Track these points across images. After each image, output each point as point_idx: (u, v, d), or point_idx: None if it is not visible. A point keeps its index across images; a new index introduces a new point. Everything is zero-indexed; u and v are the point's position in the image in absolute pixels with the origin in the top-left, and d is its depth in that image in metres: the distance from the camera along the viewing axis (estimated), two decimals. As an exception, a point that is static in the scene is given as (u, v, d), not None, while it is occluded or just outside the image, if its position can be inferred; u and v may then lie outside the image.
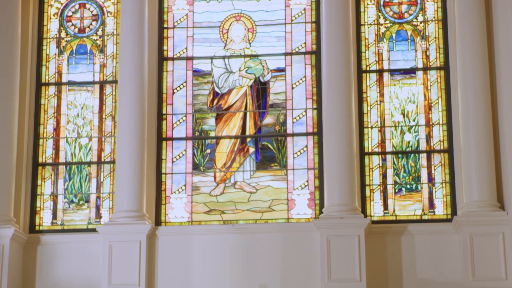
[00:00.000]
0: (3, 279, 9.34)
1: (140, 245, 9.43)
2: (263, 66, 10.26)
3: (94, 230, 9.72)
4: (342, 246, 9.19)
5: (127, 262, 9.34)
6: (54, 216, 10.08)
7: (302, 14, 10.33)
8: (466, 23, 9.57)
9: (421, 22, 10.16)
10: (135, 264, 9.35)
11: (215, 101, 10.24)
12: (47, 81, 10.44)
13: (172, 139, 10.15)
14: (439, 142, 9.87)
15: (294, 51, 10.26)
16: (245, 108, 10.19)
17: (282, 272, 9.42)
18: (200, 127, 10.19)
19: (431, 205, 9.75)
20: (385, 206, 9.80)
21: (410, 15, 10.21)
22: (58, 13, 10.58)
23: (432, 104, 9.96)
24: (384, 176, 9.86)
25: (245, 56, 10.33)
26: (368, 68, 10.13)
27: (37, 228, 10.03)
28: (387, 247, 9.51)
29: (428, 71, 10.05)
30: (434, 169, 9.82)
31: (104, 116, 10.29)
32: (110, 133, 10.23)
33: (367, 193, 9.82)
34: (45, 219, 10.08)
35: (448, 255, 9.36)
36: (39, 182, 10.15)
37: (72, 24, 10.55)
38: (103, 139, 10.25)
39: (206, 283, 9.44)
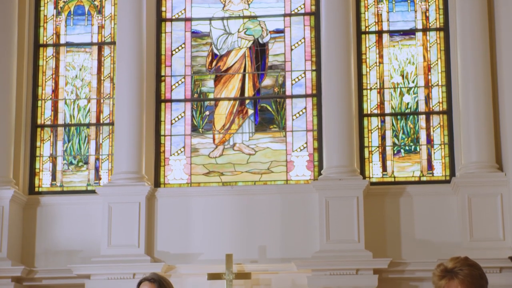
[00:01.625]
0: (3, 240, 9.38)
1: (140, 206, 9.45)
2: (262, 28, 10.21)
3: (93, 191, 9.74)
4: (341, 208, 9.22)
5: (127, 223, 9.38)
6: (54, 177, 10.10)
7: (301, -26, 10.25)
8: (466, -16, 9.51)
9: (421, -17, 10.10)
10: (134, 226, 9.38)
11: (214, 63, 10.21)
12: (45, 43, 10.39)
13: (171, 101, 10.13)
14: (438, 104, 9.86)
15: (293, 12, 10.20)
16: (244, 70, 10.15)
17: (281, 233, 9.46)
18: (199, 89, 10.17)
19: (430, 166, 9.76)
20: (384, 168, 9.82)
21: (410, -25, 10.14)
22: (55, -26, 10.50)
23: (432, 66, 9.93)
24: (383, 137, 9.87)
25: (243, 17, 10.27)
26: (367, 30, 10.08)
27: (36, 189, 10.05)
28: (385, 209, 9.54)
29: (428, 32, 10.00)
30: (433, 131, 9.82)
31: (102, 78, 10.27)
32: (108, 95, 10.21)
33: (366, 154, 9.83)
34: (44, 180, 10.09)
35: (447, 216, 9.40)
36: (38, 143, 10.14)
37: (70, -15, 10.48)
38: (101, 101, 10.23)
39: (205, 244, 9.48)
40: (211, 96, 10.15)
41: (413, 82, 9.94)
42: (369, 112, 9.93)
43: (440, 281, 3.51)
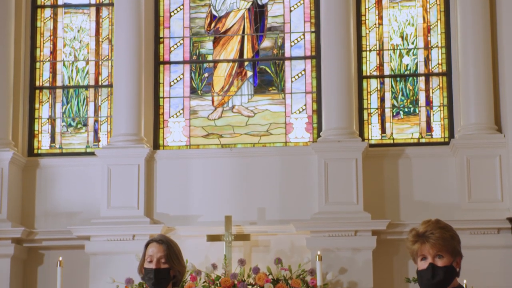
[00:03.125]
0: (3, 201, 9.41)
1: (139, 168, 9.47)
2: (260, -11, 10.14)
3: (92, 153, 9.75)
4: (340, 170, 9.24)
5: (126, 185, 9.40)
6: (53, 139, 10.10)
7: None
8: None
9: None
10: (133, 187, 9.41)
11: (213, 24, 10.16)
12: (42, 4, 10.32)
13: (169, 62, 10.10)
14: (437, 65, 9.84)
15: (292, -26, 10.13)
16: (243, 32, 10.11)
17: (280, 195, 9.49)
18: (198, 51, 10.13)
19: (429, 128, 9.76)
20: (383, 130, 9.82)
21: None
22: None
23: (431, 27, 9.89)
24: (382, 99, 9.86)
25: (242, -22, 10.20)
26: (366, -9, 10.02)
27: (35, 151, 10.05)
28: (384, 170, 9.56)
29: (428, -7, 9.95)
30: (432, 92, 9.80)
31: (100, 40, 10.22)
32: (107, 57, 10.17)
33: (365, 116, 9.82)
34: (43, 142, 10.09)
35: (445, 177, 9.42)
36: (36, 105, 10.13)
37: None
38: (100, 63, 10.20)
39: (205, 206, 9.51)
40: (210, 58, 10.12)
41: (412, 43, 9.90)
42: (368, 74, 9.91)
43: (413, 246, 3.55)
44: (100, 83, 10.14)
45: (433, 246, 3.51)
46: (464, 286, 3.65)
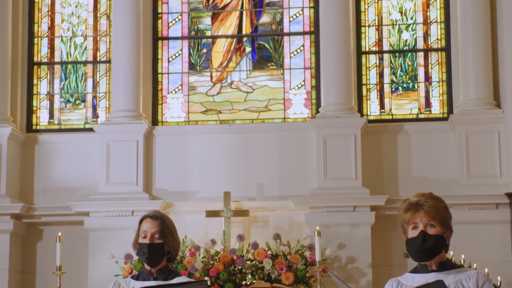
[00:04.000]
0: (2, 177, 9.42)
1: (138, 144, 9.46)
2: (259, -36, 10.09)
3: (91, 129, 9.74)
4: (338, 145, 9.24)
5: (125, 161, 9.40)
6: (51, 115, 10.09)
7: None
8: None
9: None
10: (132, 163, 9.41)
11: (211, 0, 10.11)
12: (40, -20, 10.29)
13: (168, 38, 10.07)
14: (436, 41, 9.81)
15: None
16: (241, 7, 10.07)
17: (278, 171, 9.49)
18: (196, 26, 10.10)
19: (428, 104, 9.75)
20: (382, 105, 9.81)
21: None
22: None
23: (430, 2, 9.84)
24: (381, 75, 9.84)
25: (241, -47, 10.15)
26: (366, -34, 9.98)
27: (34, 127, 10.05)
28: (383, 146, 9.56)
29: (427, -32, 9.90)
30: (431, 68, 9.78)
31: (99, 15, 10.18)
32: (105, 32, 10.14)
33: (364, 92, 9.81)
34: (42, 118, 10.09)
35: (444, 153, 9.43)
36: (35, 81, 10.11)
37: None
38: (98, 39, 10.17)
39: (203, 182, 9.52)
40: (208, 33, 10.09)
41: (411, 19, 9.87)
42: (367, 49, 9.88)
43: (405, 214, 3.58)
44: (98, 59, 10.12)
45: (426, 214, 3.53)
46: (449, 259, 3.66)
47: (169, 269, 4.47)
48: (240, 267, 8.63)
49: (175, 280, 4.39)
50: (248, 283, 8.56)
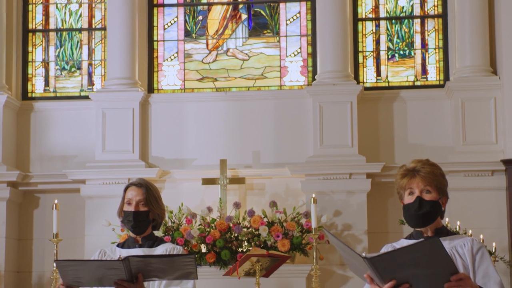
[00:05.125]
0: (-2, 145, 9.43)
1: (133, 112, 9.45)
2: None
3: (87, 97, 9.72)
4: (335, 113, 9.23)
5: (121, 129, 9.39)
6: (47, 83, 10.06)
7: None
8: None
9: None
10: (128, 131, 9.40)
11: (207, -33, 10.04)
12: None
13: (163, 5, 10.01)
14: (433, 7, 9.76)
15: None
16: (237, -26, 10.00)
17: (274, 138, 9.49)
18: (192, -7, 10.04)
19: (424, 71, 9.73)
20: (378, 73, 9.79)
21: None
22: None
23: (427, -32, 9.79)
24: (377, 42, 9.80)
25: None
26: None
27: (29, 95, 10.03)
28: (379, 113, 9.55)
29: None
30: (428, 35, 9.75)
31: (93, -18, 10.12)
32: (100, -1, 10.08)
33: (360, 59, 9.78)
34: (37, 86, 10.06)
35: (440, 120, 9.43)
36: (30, 49, 10.06)
37: None
38: (93, 6, 10.10)
39: (200, 149, 9.52)
40: (204, 0, 10.03)
41: (408, -15, 9.82)
42: (363, 16, 9.84)
43: (402, 180, 3.57)
44: (93, 26, 10.07)
45: (423, 179, 3.53)
46: (444, 226, 3.67)
47: (154, 236, 4.47)
48: (236, 235, 8.66)
49: (160, 247, 4.40)
50: (244, 250, 8.60)
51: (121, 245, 4.48)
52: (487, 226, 8.79)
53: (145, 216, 4.35)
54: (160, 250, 4.40)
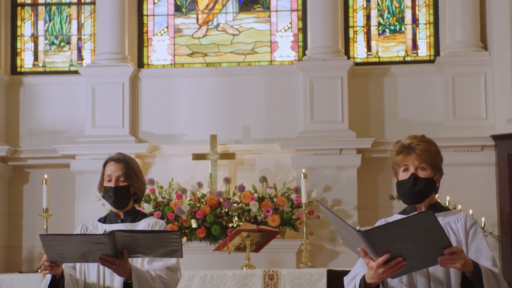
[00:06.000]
0: (-13, 120, 9.38)
1: (123, 87, 9.42)
2: None
3: (76, 72, 9.67)
4: (325, 88, 9.22)
5: (111, 104, 9.36)
6: (36, 57, 10.00)
7: None
8: None
9: None
10: (118, 106, 9.37)
11: None
12: None
13: (153, -21, 9.95)
14: (424, -18, 9.75)
15: None
16: None
17: (265, 114, 9.48)
18: (182, -33, 9.97)
19: (415, 46, 9.73)
20: (369, 48, 9.77)
21: None
22: None
23: None
24: (368, 17, 9.77)
25: None
26: None
27: (18, 69, 9.96)
28: (369, 89, 9.55)
29: None
30: (419, 10, 9.73)
31: (82, -45, 10.04)
32: (89, -27, 10.01)
33: (351, 34, 9.76)
34: (26, 60, 10.00)
35: (430, 96, 9.43)
36: (18, 23, 9.99)
37: None
38: (82, -20, 10.04)
39: (190, 125, 9.50)
40: (194, -25, 9.98)
41: (399, -41, 9.78)
42: (354, -9, 9.80)
43: (397, 157, 3.58)
44: (83, 1, 10.00)
45: (418, 157, 3.54)
46: (438, 201, 3.68)
47: (136, 210, 4.47)
48: (226, 210, 8.67)
49: (143, 222, 4.39)
50: (234, 225, 8.61)
51: (103, 220, 4.47)
52: (476, 201, 8.83)
53: (125, 191, 4.33)
54: (142, 224, 4.39)
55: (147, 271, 4.13)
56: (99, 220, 4.48)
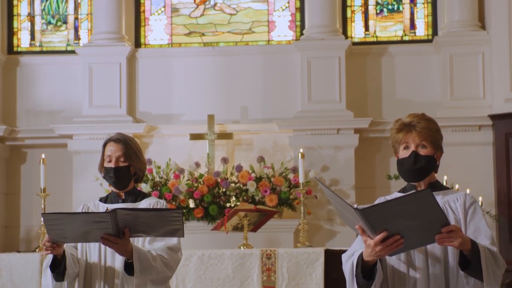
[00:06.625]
0: (-16, 100, 9.36)
1: (120, 67, 9.39)
2: None
3: (73, 52, 9.65)
4: (323, 68, 9.21)
5: (108, 84, 9.34)
6: (32, 37, 9.96)
7: None
8: None
9: None
10: (115, 86, 9.35)
11: None
12: None
13: (150, -42, 9.90)
14: (422, -39, 9.71)
15: None
16: None
17: (262, 93, 9.47)
18: None
19: (412, 25, 9.70)
20: (366, 27, 9.75)
21: None
22: None
23: None
24: (365, -4, 9.75)
25: None
26: None
27: (15, 49, 9.92)
28: (367, 69, 9.54)
29: None
30: (417, -12, 9.70)
31: None
32: (85, -49, 9.95)
33: (348, 14, 9.73)
34: (23, 40, 9.95)
35: (428, 75, 9.42)
36: (15, 2, 9.92)
37: None
38: (79, -42, 9.99)
39: (187, 105, 9.49)
40: (191, -47, 9.93)
41: None
42: (352, -31, 9.77)
43: (398, 134, 3.58)
44: (79, -20, 9.95)
45: (419, 134, 3.54)
46: (438, 181, 3.69)
47: (137, 190, 4.46)
48: (224, 190, 8.68)
49: (144, 202, 4.39)
50: (232, 205, 8.62)
51: (104, 200, 4.48)
52: (473, 181, 8.84)
53: (126, 171, 4.33)
54: (143, 204, 4.39)
55: (148, 251, 4.13)
56: (100, 200, 4.49)
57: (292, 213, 8.79)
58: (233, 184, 8.73)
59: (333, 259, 6.83)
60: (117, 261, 4.21)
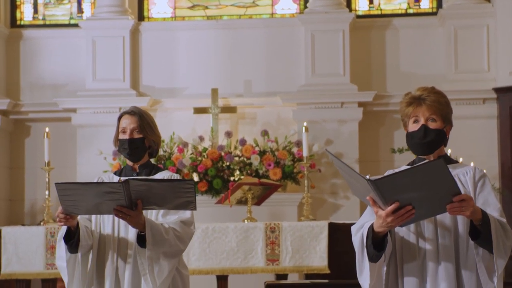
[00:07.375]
0: (-13, 73, 9.35)
1: (124, 40, 9.37)
2: None
3: (76, 25, 9.61)
4: (327, 41, 9.18)
5: (111, 57, 9.32)
6: (35, 10, 9.92)
7: None
8: None
9: None
10: (119, 60, 9.33)
11: None
12: None
13: None
14: None
15: None
16: None
17: (266, 67, 9.44)
18: None
19: (417, -2, 9.67)
20: (370, 0, 9.71)
21: None
22: None
23: None
24: (370, -31, 9.70)
25: None
26: None
27: (18, 22, 9.90)
28: (371, 42, 9.50)
29: None
30: (421, -39, 9.65)
31: None
32: None
33: (353, -13, 9.69)
34: (26, 13, 9.92)
35: (432, 48, 9.39)
36: (18, -25, 9.92)
37: None
38: None
39: (191, 78, 9.47)
40: None
41: None
42: None
43: (407, 108, 3.55)
44: (82, -48, 9.90)
45: (429, 108, 3.52)
46: (447, 154, 3.68)
47: (151, 164, 4.45)
48: (228, 163, 8.68)
49: (158, 175, 4.38)
50: (236, 179, 8.63)
51: (118, 173, 4.47)
52: (478, 154, 8.85)
53: (140, 143, 4.33)
54: (158, 177, 4.38)
55: (161, 224, 4.13)
56: (115, 173, 4.48)
57: (296, 186, 8.80)
58: (237, 158, 8.74)
59: (337, 233, 6.84)
60: (130, 233, 4.21)
